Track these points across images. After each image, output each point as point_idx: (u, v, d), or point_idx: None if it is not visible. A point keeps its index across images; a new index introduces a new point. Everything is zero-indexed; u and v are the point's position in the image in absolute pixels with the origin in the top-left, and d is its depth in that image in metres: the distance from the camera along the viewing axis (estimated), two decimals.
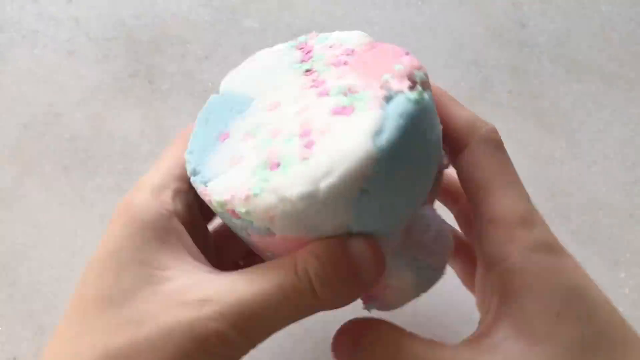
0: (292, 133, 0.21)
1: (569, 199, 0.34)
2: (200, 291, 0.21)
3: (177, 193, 0.24)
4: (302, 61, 0.24)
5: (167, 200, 0.23)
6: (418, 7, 0.39)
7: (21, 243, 0.34)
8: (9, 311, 0.32)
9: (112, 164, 0.35)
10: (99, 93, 0.37)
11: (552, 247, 0.22)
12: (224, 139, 0.23)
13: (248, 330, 0.21)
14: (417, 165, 0.21)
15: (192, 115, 0.36)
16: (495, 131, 0.24)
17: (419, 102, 0.20)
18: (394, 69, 0.21)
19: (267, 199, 0.19)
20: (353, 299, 0.22)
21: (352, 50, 0.23)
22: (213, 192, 0.21)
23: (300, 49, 0.25)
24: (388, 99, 0.20)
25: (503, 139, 0.26)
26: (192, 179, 0.23)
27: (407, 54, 0.22)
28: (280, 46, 0.26)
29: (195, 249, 0.23)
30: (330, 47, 0.24)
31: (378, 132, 0.19)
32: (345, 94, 0.21)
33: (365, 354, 0.22)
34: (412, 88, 0.20)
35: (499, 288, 0.22)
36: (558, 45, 0.38)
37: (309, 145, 0.20)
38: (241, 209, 0.20)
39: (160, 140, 0.36)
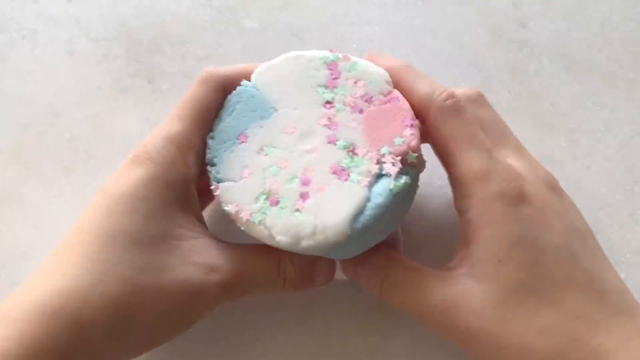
0: (296, 173, 0.26)
1: None
2: (208, 258, 0.26)
3: (197, 156, 0.27)
4: (327, 87, 0.28)
5: (190, 165, 0.27)
6: (418, 7, 0.39)
7: (21, 243, 0.34)
8: None
9: (112, 164, 0.35)
10: (99, 93, 0.37)
11: (510, 198, 0.25)
12: (241, 142, 0.27)
13: (234, 297, 0.27)
14: (386, 228, 0.27)
15: None
16: (450, 96, 0.27)
17: (397, 194, 0.25)
18: (394, 142, 0.26)
19: (261, 231, 0.26)
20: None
21: (371, 98, 0.27)
22: (222, 197, 0.26)
23: (330, 69, 0.28)
24: (377, 176, 0.26)
25: None
26: (208, 167, 0.27)
27: (411, 126, 0.26)
28: (314, 55, 0.28)
29: (200, 212, 0.28)
30: (355, 82, 0.28)
31: (357, 216, 0.25)
32: (347, 152, 0.26)
33: (363, 270, 0.28)
34: (399, 173, 0.26)
35: (461, 235, 0.27)
36: (558, 46, 0.38)
37: (304, 197, 0.26)
38: (241, 226, 0.26)
39: None
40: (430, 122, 0.27)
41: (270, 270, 0.27)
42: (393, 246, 0.30)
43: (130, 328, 0.24)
